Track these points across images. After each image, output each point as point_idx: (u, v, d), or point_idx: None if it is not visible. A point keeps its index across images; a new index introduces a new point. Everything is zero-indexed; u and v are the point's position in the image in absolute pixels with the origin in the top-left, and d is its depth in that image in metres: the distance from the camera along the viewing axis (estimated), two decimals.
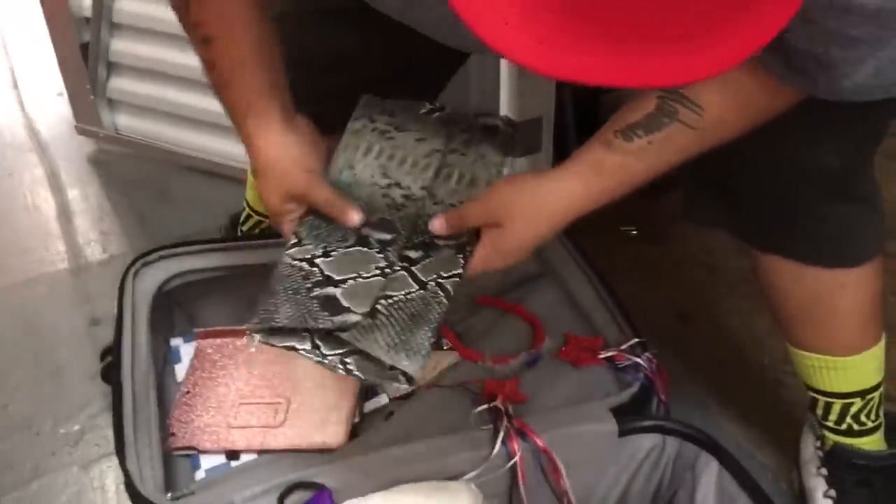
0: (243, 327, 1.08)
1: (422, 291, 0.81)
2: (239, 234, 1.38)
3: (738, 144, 0.71)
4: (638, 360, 1.01)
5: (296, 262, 0.83)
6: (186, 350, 1.12)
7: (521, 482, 0.89)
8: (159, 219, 1.67)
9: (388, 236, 0.85)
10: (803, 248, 0.87)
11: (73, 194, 1.80)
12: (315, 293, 0.80)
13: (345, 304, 0.79)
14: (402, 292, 0.80)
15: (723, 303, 1.39)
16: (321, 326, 0.78)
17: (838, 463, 0.91)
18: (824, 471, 0.92)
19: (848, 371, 0.88)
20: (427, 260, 0.83)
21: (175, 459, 0.95)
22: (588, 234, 0.83)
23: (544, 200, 0.77)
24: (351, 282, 0.81)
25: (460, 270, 0.82)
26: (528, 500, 0.91)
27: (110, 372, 1.02)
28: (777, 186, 0.83)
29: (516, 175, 0.82)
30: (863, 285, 0.88)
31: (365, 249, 0.84)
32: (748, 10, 0.46)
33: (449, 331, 1.11)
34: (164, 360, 1.11)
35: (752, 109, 0.70)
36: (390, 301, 0.80)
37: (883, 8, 0.55)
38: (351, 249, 0.84)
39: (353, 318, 0.78)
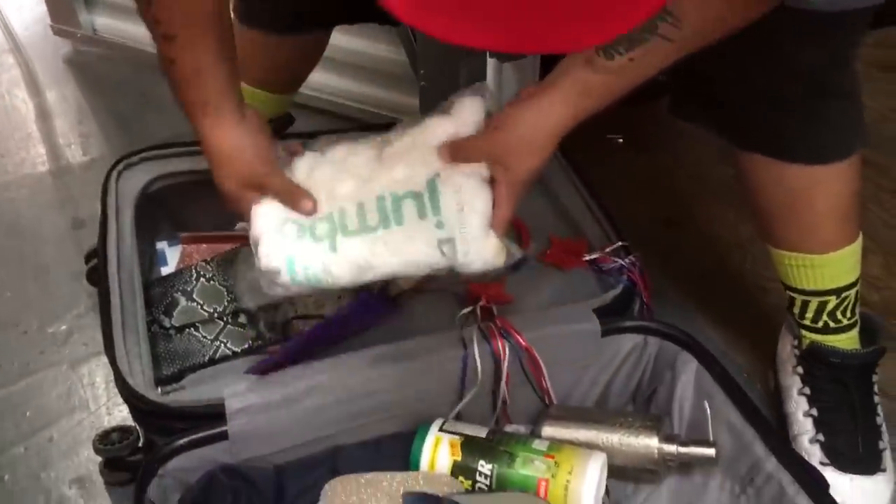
0: (228, 233, 1.10)
1: None
2: None
3: (720, 44, 0.71)
4: (621, 262, 1.02)
5: None
6: (172, 254, 1.12)
7: (504, 380, 0.91)
8: (140, 122, 1.64)
9: None
10: (783, 145, 0.88)
11: (51, 96, 1.76)
12: None
13: None
14: None
15: (708, 210, 1.40)
16: None
17: (814, 361, 0.93)
18: (800, 369, 0.95)
19: (824, 269, 0.89)
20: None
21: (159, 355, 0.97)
22: (575, 142, 0.83)
23: (538, 129, 0.79)
24: None
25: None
26: (511, 399, 0.93)
27: (96, 273, 1.02)
28: (759, 83, 0.83)
29: (509, 112, 0.82)
30: (841, 183, 0.89)
31: None
32: None
33: None
34: (150, 262, 1.11)
35: (730, 18, 0.70)
36: None
37: None
38: None
39: None
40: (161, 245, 1.13)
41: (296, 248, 0.84)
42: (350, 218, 0.83)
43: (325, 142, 0.90)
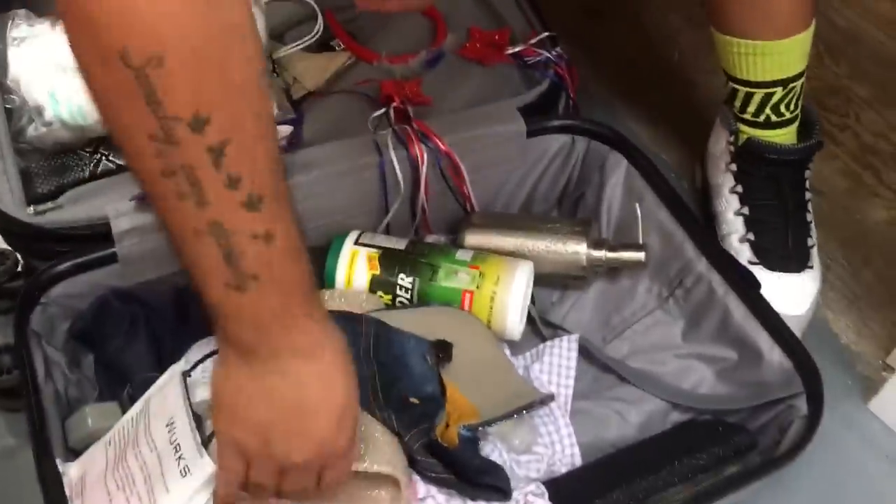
0: None
1: None
2: None
3: None
4: (548, 55, 0.94)
5: None
6: None
7: (423, 188, 0.84)
8: None
9: None
10: None
11: None
12: None
13: None
14: None
15: None
16: None
17: (749, 157, 0.89)
18: (733, 167, 0.90)
19: (774, 57, 0.83)
20: None
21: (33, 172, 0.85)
22: None
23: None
24: None
25: None
26: (430, 207, 0.87)
27: None
28: None
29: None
30: None
31: None
32: None
33: (340, 29, 0.99)
34: None
35: None
36: None
37: None
38: None
39: None
40: None
41: (59, 84, 0.81)
42: None
43: None
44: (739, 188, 0.90)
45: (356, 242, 0.82)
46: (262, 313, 0.49)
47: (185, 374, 0.68)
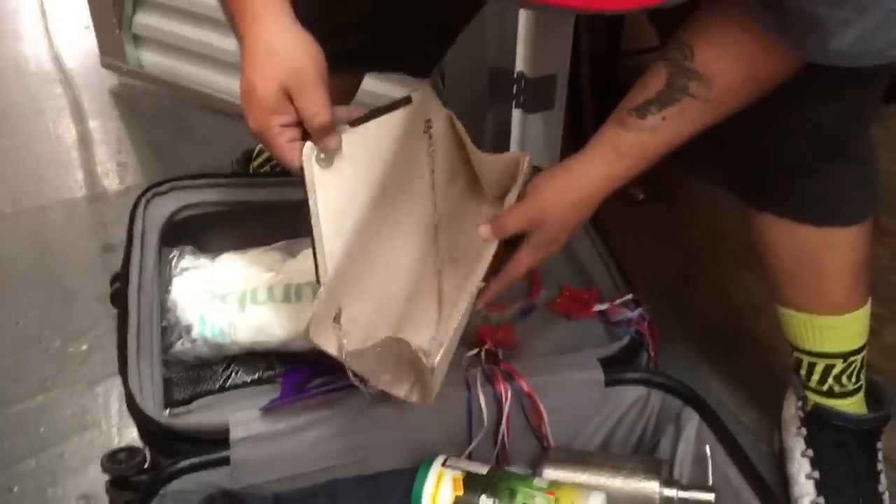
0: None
1: None
2: (250, 169, 1.40)
3: None
4: (630, 315, 1.03)
5: None
6: None
7: (504, 424, 0.92)
8: (176, 154, 1.70)
9: None
10: (796, 206, 0.88)
11: (93, 125, 1.82)
12: None
13: None
14: None
15: (724, 268, 1.41)
16: None
17: (818, 424, 0.93)
18: (804, 431, 0.94)
19: (831, 331, 0.89)
20: None
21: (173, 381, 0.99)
22: None
23: (576, 192, 0.81)
24: None
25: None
26: (511, 442, 0.94)
27: (118, 296, 1.05)
28: (773, 144, 0.84)
29: (544, 174, 0.84)
30: (852, 246, 0.90)
31: None
32: None
33: None
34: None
35: (758, 77, 0.72)
36: None
37: None
38: None
39: None
40: None
41: (208, 309, 0.98)
42: (260, 293, 0.99)
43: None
44: (810, 452, 0.93)
45: (443, 465, 0.89)
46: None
47: None
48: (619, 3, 0.53)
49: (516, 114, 1.40)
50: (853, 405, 0.92)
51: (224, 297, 1.01)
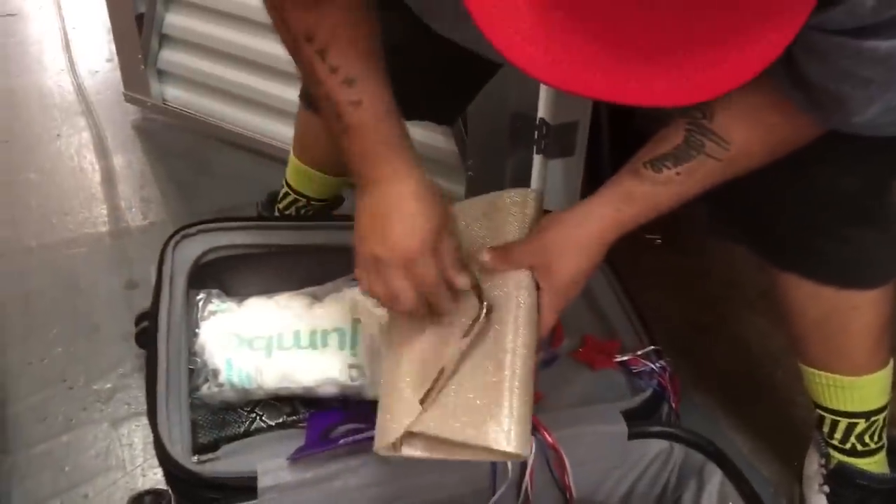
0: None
1: None
2: (276, 212, 1.42)
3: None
4: (652, 366, 1.04)
5: None
6: None
7: (528, 475, 0.93)
8: (199, 190, 1.72)
9: None
10: (820, 269, 0.90)
11: (117, 160, 1.85)
12: None
13: None
14: None
15: (741, 318, 1.41)
16: None
17: (841, 481, 0.93)
18: (826, 488, 0.95)
19: (854, 391, 0.90)
20: None
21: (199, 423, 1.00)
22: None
23: (581, 232, 0.81)
24: None
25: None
26: (534, 494, 0.94)
27: (145, 336, 1.06)
28: (796, 208, 0.86)
29: (552, 215, 0.85)
30: (875, 308, 0.91)
31: None
32: (747, 33, 0.50)
33: None
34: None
35: (776, 141, 0.73)
36: None
37: (892, 53, 0.59)
38: None
39: None
40: None
41: (235, 354, 1.01)
42: (286, 339, 1.02)
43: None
44: None
45: None
46: (355, 151, 0.77)
47: None
48: (662, 99, 0.54)
49: (537, 159, 1.41)
50: (875, 464, 0.93)
51: (251, 342, 1.02)
